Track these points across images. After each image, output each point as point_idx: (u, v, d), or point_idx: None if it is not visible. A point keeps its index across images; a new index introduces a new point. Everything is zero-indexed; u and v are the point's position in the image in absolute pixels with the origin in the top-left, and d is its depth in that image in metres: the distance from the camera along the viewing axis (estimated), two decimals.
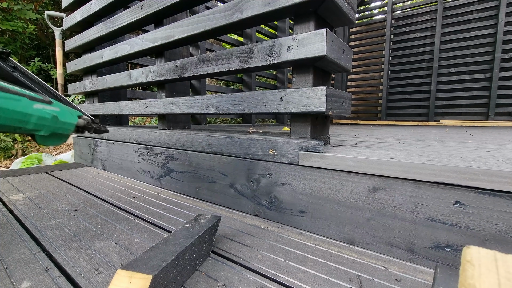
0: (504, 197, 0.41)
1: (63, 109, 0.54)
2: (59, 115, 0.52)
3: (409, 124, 3.46)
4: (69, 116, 0.55)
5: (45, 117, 0.49)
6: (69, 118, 0.55)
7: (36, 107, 0.47)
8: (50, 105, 0.51)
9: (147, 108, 1.04)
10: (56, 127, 0.52)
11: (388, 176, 0.50)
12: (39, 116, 0.47)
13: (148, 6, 0.94)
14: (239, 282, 0.43)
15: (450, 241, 0.46)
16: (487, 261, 0.24)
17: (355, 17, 0.70)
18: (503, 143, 0.95)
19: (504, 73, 3.09)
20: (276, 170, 0.67)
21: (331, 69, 0.70)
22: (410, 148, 0.73)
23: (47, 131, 0.50)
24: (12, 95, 0.42)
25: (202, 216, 0.54)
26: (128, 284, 0.32)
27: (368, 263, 0.49)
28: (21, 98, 0.44)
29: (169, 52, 1.01)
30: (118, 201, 0.82)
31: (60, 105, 0.54)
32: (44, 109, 0.49)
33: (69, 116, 0.55)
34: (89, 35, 1.25)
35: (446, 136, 1.35)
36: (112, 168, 1.22)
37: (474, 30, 3.27)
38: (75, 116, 0.58)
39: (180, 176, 0.91)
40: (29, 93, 0.48)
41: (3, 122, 0.42)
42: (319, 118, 0.70)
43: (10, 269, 0.45)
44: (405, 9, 3.76)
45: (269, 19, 0.70)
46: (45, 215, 0.70)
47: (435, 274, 0.37)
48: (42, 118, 0.48)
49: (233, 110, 0.76)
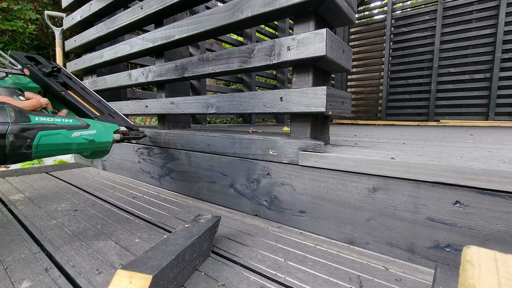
0: (504, 197, 0.41)
1: (99, 130, 0.62)
2: (96, 137, 0.59)
3: (409, 124, 3.46)
4: (104, 136, 0.63)
5: (83, 143, 0.56)
6: (104, 137, 0.62)
7: (74, 136, 0.55)
8: (87, 129, 0.58)
9: (147, 108, 1.04)
10: (94, 148, 0.59)
11: (388, 176, 0.50)
12: (78, 142, 0.55)
13: (148, 6, 0.94)
14: (239, 282, 0.43)
15: (450, 241, 0.46)
16: (487, 261, 0.24)
17: (355, 17, 0.71)
18: (503, 143, 0.95)
19: (504, 73, 3.09)
20: (276, 170, 0.67)
21: (331, 69, 0.70)
22: (410, 148, 0.73)
23: (88, 152, 0.59)
24: (52, 131, 0.51)
25: (202, 216, 0.54)
26: (128, 284, 0.32)
27: (368, 263, 0.49)
28: (60, 131, 0.52)
29: (169, 52, 1.01)
30: (118, 201, 0.82)
31: (97, 126, 0.61)
32: (81, 136, 0.56)
33: (105, 135, 0.63)
34: (89, 35, 1.25)
35: (446, 136, 1.35)
36: (112, 168, 1.22)
37: (474, 30, 3.27)
38: (110, 133, 0.65)
39: (180, 176, 0.91)
40: (68, 122, 0.55)
41: (50, 153, 0.51)
42: (319, 118, 0.70)
43: (10, 269, 0.45)
44: (405, 9, 3.76)
45: (269, 19, 0.70)
46: (45, 215, 0.70)
47: (435, 274, 0.37)
48: (81, 144, 0.56)
49: (233, 110, 0.76)
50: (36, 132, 0.48)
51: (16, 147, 0.45)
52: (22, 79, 0.65)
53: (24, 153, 0.47)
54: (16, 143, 0.45)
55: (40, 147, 0.49)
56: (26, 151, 0.47)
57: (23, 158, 0.48)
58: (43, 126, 0.50)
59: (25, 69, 0.65)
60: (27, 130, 0.47)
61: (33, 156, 0.49)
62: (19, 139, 0.45)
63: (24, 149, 0.47)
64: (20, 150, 0.46)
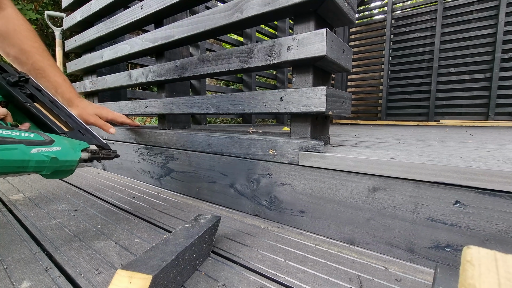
0: (504, 197, 0.41)
1: (64, 147, 0.55)
2: (59, 155, 0.53)
3: (409, 124, 3.46)
4: (70, 154, 0.56)
5: (43, 160, 0.51)
6: (70, 155, 0.56)
7: (33, 152, 0.49)
8: (50, 146, 0.52)
9: (147, 108, 1.04)
10: (56, 166, 0.53)
11: (388, 176, 0.50)
12: (37, 160, 0.49)
13: (148, 6, 0.94)
14: (239, 282, 0.43)
15: (450, 241, 0.46)
16: (487, 261, 0.24)
17: (355, 17, 0.71)
18: (503, 143, 0.95)
19: (504, 73, 3.09)
20: (276, 170, 0.67)
21: (331, 69, 0.70)
22: (410, 148, 0.73)
23: (48, 170, 0.52)
24: (8, 146, 0.46)
25: (202, 216, 0.54)
26: (128, 284, 0.32)
27: (368, 263, 0.49)
28: (18, 146, 0.47)
29: (169, 52, 1.01)
30: (118, 201, 0.82)
31: (62, 142, 0.55)
32: (42, 152, 0.51)
33: (71, 153, 0.57)
34: (89, 35, 1.25)
35: (446, 136, 1.35)
36: (112, 168, 1.22)
37: (474, 30, 3.27)
38: (78, 151, 0.59)
39: (180, 176, 0.91)
40: (29, 136, 0.50)
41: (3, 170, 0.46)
42: (319, 118, 0.70)
43: (10, 269, 0.45)
44: (405, 9, 3.76)
45: (269, 19, 0.70)
46: (45, 215, 0.70)
47: (435, 274, 0.37)
48: (41, 161, 0.50)
49: (233, 110, 0.76)
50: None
51: None
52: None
53: None
54: None
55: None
56: None
57: None
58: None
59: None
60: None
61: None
62: None
63: None
64: None
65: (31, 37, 0.76)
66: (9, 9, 0.73)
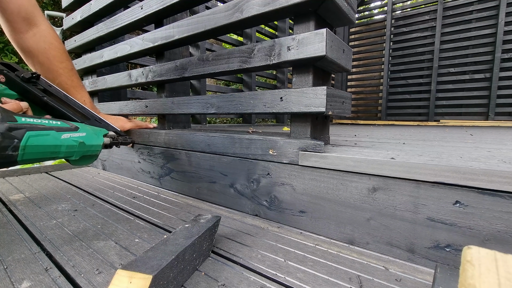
0: (504, 197, 0.41)
1: (88, 133, 0.59)
2: (85, 140, 0.57)
3: (409, 124, 3.46)
4: (94, 139, 0.60)
5: (73, 145, 0.54)
6: (95, 140, 0.60)
7: (63, 137, 0.52)
8: (76, 132, 0.55)
9: (147, 108, 1.04)
10: (84, 151, 0.57)
11: (388, 176, 0.50)
12: (67, 145, 0.52)
13: (148, 6, 0.94)
14: (239, 282, 0.43)
15: (450, 241, 0.46)
16: (487, 261, 0.24)
17: (355, 17, 0.70)
18: (503, 143, 0.95)
19: (504, 73, 3.09)
20: (276, 170, 0.67)
21: (331, 69, 0.70)
22: (410, 148, 0.73)
23: (77, 155, 0.56)
24: (40, 132, 0.48)
25: (202, 216, 0.54)
26: (128, 284, 0.32)
27: (368, 263, 0.49)
28: (49, 132, 0.49)
29: (169, 52, 1.01)
30: (118, 201, 0.82)
31: (86, 128, 0.59)
32: (71, 138, 0.54)
33: (95, 138, 0.60)
34: (89, 35, 1.25)
35: (446, 136, 1.35)
36: (112, 168, 1.22)
37: (474, 30, 3.27)
38: (100, 136, 0.62)
39: (180, 176, 0.91)
40: (56, 123, 0.52)
41: (38, 156, 0.48)
42: (319, 118, 0.70)
43: (10, 269, 0.45)
44: (405, 9, 3.76)
45: (269, 19, 0.70)
46: (45, 215, 0.70)
47: (435, 274, 0.37)
48: (70, 146, 0.53)
49: (233, 110, 0.76)
50: (23, 132, 0.45)
51: (2, 148, 0.42)
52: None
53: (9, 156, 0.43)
54: (3, 143, 0.42)
55: (27, 149, 0.45)
56: (12, 153, 0.43)
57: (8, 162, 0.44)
58: (31, 126, 0.46)
59: (1, 75, 0.61)
60: (14, 130, 0.43)
61: (19, 159, 0.45)
62: (5, 138, 0.42)
63: (10, 150, 0.43)
64: (6, 151, 0.43)
65: (59, 57, 0.79)
66: (43, 26, 0.76)
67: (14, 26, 0.72)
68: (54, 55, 0.78)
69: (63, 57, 0.81)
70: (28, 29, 0.74)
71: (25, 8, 0.71)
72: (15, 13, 0.70)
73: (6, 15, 0.70)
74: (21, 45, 0.75)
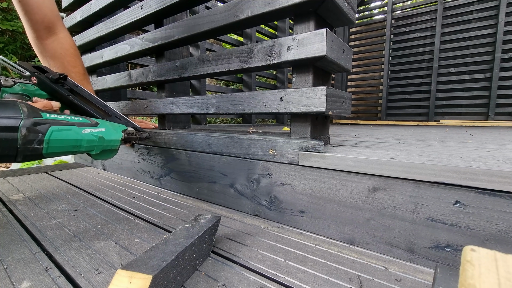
0: (504, 197, 0.41)
1: (108, 128, 0.62)
2: (105, 135, 0.60)
3: (409, 124, 3.46)
4: (113, 134, 0.63)
5: (93, 139, 0.57)
6: (114, 135, 0.63)
7: (84, 132, 0.55)
8: (96, 127, 0.59)
9: (147, 108, 1.04)
10: (104, 146, 0.60)
11: (388, 176, 0.50)
12: (88, 139, 0.55)
13: (148, 6, 0.94)
14: (239, 282, 0.43)
15: (450, 241, 0.46)
16: (487, 261, 0.24)
17: (355, 17, 0.70)
18: (503, 143, 0.95)
19: (504, 73, 3.09)
20: (276, 170, 0.67)
21: (331, 69, 0.70)
22: (410, 148, 0.73)
23: (98, 150, 0.59)
24: (63, 127, 0.51)
25: (202, 216, 0.54)
26: (128, 284, 0.32)
27: (368, 263, 0.49)
28: (71, 127, 0.53)
29: (169, 52, 1.01)
30: (118, 201, 0.82)
31: (105, 124, 0.62)
32: (91, 133, 0.57)
33: (114, 133, 0.63)
34: (89, 35, 1.25)
35: (446, 136, 1.35)
36: (112, 168, 1.22)
37: (474, 30, 3.27)
38: (119, 132, 0.66)
39: (180, 176, 0.91)
40: (78, 119, 0.56)
41: (61, 149, 0.51)
42: (319, 118, 0.70)
43: (10, 269, 0.45)
44: (405, 9, 3.76)
45: (269, 19, 0.70)
46: (45, 215, 0.70)
47: (435, 274, 0.37)
48: (91, 141, 0.56)
49: (233, 110, 0.76)
50: (48, 126, 0.48)
51: (28, 141, 0.45)
52: (30, 87, 0.67)
53: (35, 149, 0.47)
54: (28, 137, 0.45)
55: (51, 143, 0.48)
56: (37, 146, 0.47)
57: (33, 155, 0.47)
58: (55, 122, 0.50)
59: (33, 77, 0.67)
60: (39, 125, 0.47)
61: (44, 153, 0.49)
62: (31, 133, 0.45)
63: (35, 143, 0.46)
64: (32, 145, 0.46)
65: (73, 62, 0.88)
66: (61, 34, 0.85)
67: (37, 33, 0.80)
68: (69, 61, 0.86)
69: (76, 62, 0.88)
70: (49, 36, 0.82)
71: (48, 18, 0.80)
72: (39, 22, 0.78)
73: (31, 24, 0.78)
74: (40, 49, 0.83)
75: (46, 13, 0.78)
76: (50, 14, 0.80)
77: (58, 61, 0.83)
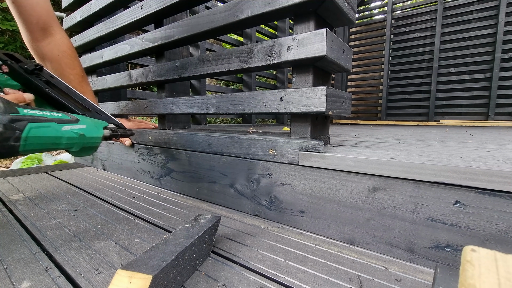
0: (504, 197, 0.41)
1: (89, 125, 0.60)
2: (86, 132, 0.58)
3: (409, 124, 3.46)
4: (94, 131, 0.61)
5: (73, 137, 0.55)
6: (95, 132, 0.61)
7: (64, 129, 0.53)
8: (77, 124, 0.56)
9: (147, 108, 1.04)
10: (84, 143, 0.58)
11: (388, 176, 0.50)
12: (68, 137, 0.53)
13: (148, 6, 0.94)
14: (239, 282, 0.43)
15: (450, 241, 0.46)
16: (487, 261, 0.24)
17: (355, 17, 0.70)
18: (503, 143, 0.95)
19: (504, 73, 3.08)
20: (276, 170, 0.67)
21: (331, 69, 0.70)
22: (410, 148, 0.73)
23: (78, 147, 0.57)
24: (42, 124, 0.49)
25: (202, 216, 0.54)
26: (128, 284, 0.32)
27: (368, 263, 0.49)
28: (50, 124, 0.50)
29: (169, 52, 1.01)
30: (118, 201, 0.82)
31: (86, 121, 0.60)
32: (71, 130, 0.54)
33: (95, 130, 0.61)
34: (89, 35, 1.25)
35: (446, 136, 1.35)
36: (112, 168, 1.22)
37: (474, 30, 3.27)
38: (100, 129, 0.63)
39: (180, 176, 0.91)
40: (57, 115, 0.53)
41: (39, 147, 0.49)
42: (319, 118, 0.70)
43: (10, 269, 0.45)
44: (405, 9, 3.76)
45: (269, 19, 0.70)
46: (45, 215, 0.70)
47: (435, 274, 0.37)
48: (71, 138, 0.54)
49: (233, 110, 0.76)
50: (25, 123, 0.46)
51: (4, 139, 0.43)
52: (1, 76, 0.62)
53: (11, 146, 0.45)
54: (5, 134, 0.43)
55: (29, 140, 0.46)
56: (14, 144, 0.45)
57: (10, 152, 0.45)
58: (33, 118, 0.47)
59: (4, 66, 0.62)
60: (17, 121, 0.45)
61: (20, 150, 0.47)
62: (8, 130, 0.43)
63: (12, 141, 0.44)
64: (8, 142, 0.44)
65: (71, 64, 0.85)
66: (58, 35, 0.82)
67: (32, 35, 0.78)
68: (66, 63, 0.84)
69: (74, 64, 0.86)
70: (44, 38, 0.79)
71: (43, 20, 0.77)
72: (34, 24, 0.76)
73: (26, 25, 0.76)
74: (36, 51, 0.81)
75: (40, 14, 0.76)
76: (45, 15, 0.77)
77: (55, 63, 0.82)
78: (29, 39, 0.79)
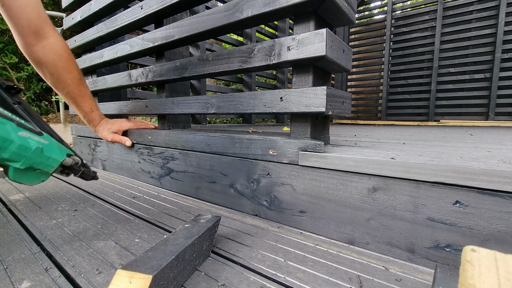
0: (504, 197, 0.41)
1: (52, 143, 0.51)
2: (45, 148, 0.48)
3: (409, 124, 3.46)
4: (56, 152, 0.51)
5: (28, 147, 0.44)
6: (56, 153, 0.51)
7: (21, 135, 0.43)
8: (39, 136, 0.48)
9: (147, 108, 1.04)
10: (37, 161, 0.47)
11: (388, 176, 0.50)
12: (21, 144, 0.43)
13: (148, 6, 0.94)
14: (239, 282, 0.43)
15: (450, 241, 0.46)
16: (487, 261, 0.24)
17: (355, 17, 0.70)
18: (503, 143, 0.95)
19: (504, 73, 3.09)
20: (276, 170, 0.67)
21: (331, 69, 0.70)
22: (410, 148, 0.73)
23: (25, 163, 0.45)
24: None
25: (202, 216, 0.54)
26: (128, 284, 0.32)
27: (368, 263, 0.49)
28: (7, 122, 0.42)
29: (169, 52, 1.01)
30: (118, 201, 0.82)
31: (51, 139, 0.51)
32: (30, 138, 0.45)
33: (57, 151, 0.51)
34: (89, 35, 1.25)
35: (446, 136, 1.35)
36: (112, 168, 1.22)
37: (474, 30, 3.27)
38: (64, 153, 0.54)
39: (180, 176, 0.91)
40: (21, 120, 0.45)
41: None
42: (319, 118, 0.70)
43: (10, 269, 0.45)
44: (405, 9, 3.76)
45: (269, 19, 0.70)
46: (45, 215, 0.70)
47: (435, 274, 0.37)
48: (24, 148, 0.44)
49: (233, 110, 0.76)
50: None
51: None
52: None
53: None
54: None
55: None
56: None
57: None
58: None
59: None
60: None
61: None
62: None
63: None
64: None
65: (68, 68, 0.82)
66: (52, 38, 0.78)
67: (25, 39, 0.74)
68: (63, 66, 0.81)
69: (71, 67, 0.83)
70: (38, 42, 0.76)
71: (34, 23, 0.73)
72: (26, 27, 0.72)
73: (17, 29, 0.73)
74: (31, 56, 0.78)
75: (31, 17, 0.72)
76: (36, 17, 0.73)
77: (51, 67, 0.79)
78: (23, 44, 0.75)
